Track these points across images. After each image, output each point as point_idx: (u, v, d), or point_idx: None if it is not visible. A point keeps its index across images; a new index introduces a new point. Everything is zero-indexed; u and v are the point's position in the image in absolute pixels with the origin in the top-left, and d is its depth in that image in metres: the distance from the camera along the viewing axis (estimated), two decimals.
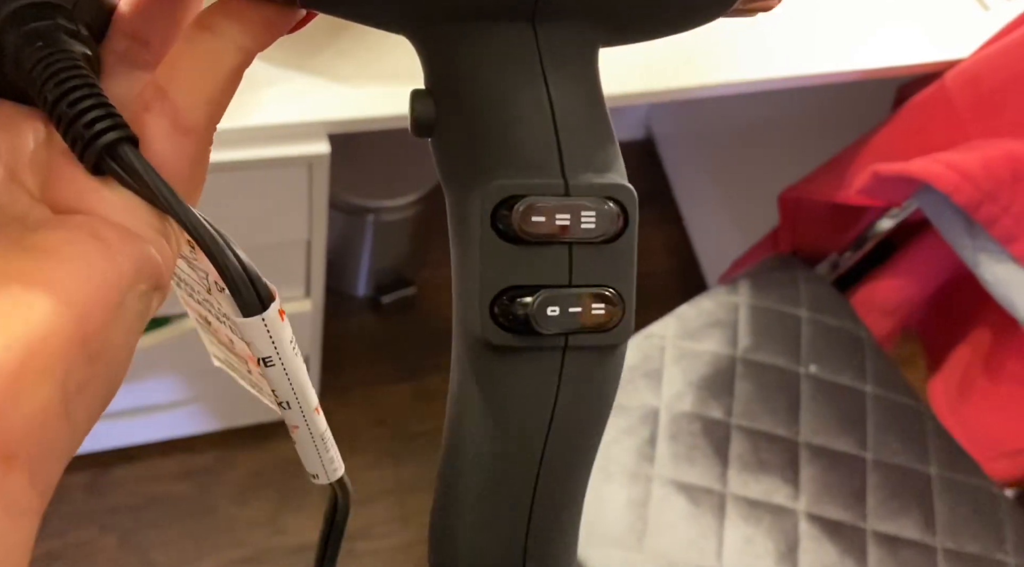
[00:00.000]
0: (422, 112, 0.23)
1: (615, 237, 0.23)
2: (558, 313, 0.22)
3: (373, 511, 1.09)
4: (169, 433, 1.06)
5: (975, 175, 0.73)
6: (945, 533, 0.82)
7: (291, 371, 0.25)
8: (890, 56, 0.79)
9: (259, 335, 0.23)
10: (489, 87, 0.23)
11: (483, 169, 0.23)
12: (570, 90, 0.23)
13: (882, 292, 0.92)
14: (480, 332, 0.23)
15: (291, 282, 0.83)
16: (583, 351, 0.23)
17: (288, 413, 0.27)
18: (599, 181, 0.23)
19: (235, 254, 0.22)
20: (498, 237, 0.22)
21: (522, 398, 0.24)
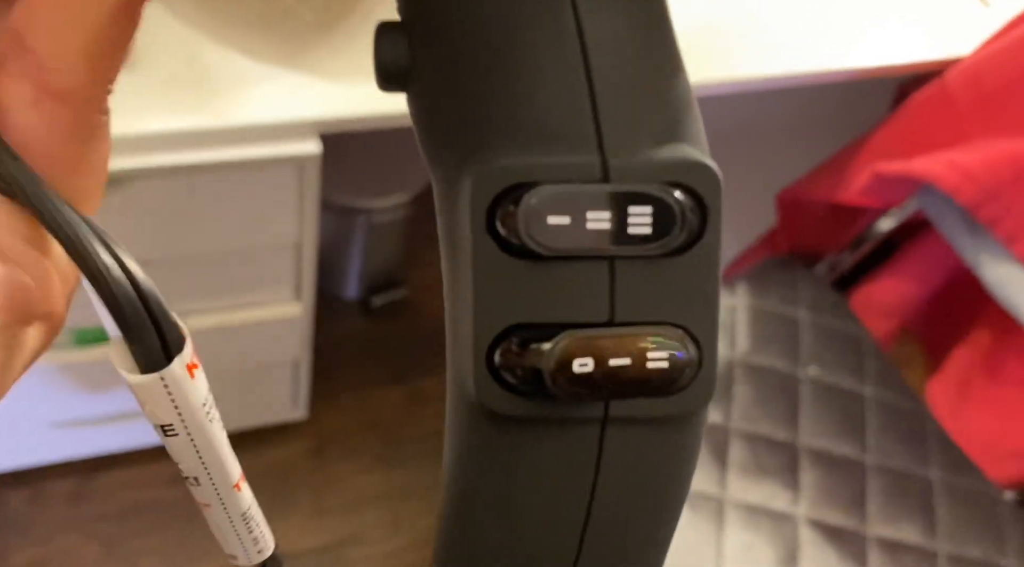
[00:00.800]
0: (391, 54, 0.16)
1: (686, 246, 0.15)
2: (591, 368, 0.15)
3: (364, 517, 1.08)
4: (154, 439, 1.04)
5: (977, 175, 0.72)
6: (946, 538, 0.81)
7: (201, 442, 0.19)
8: (891, 54, 0.78)
9: (157, 398, 0.17)
10: (486, 13, 0.15)
11: (476, 141, 0.15)
12: (613, 10, 0.15)
13: (882, 293, 0.91)
14: (473, 393, 0.15)
15: (280, 285, 0.81)
16: (633, 426, 0.16)
17: (197, 489, 0.21)
18: (659, 157, 0.15)
19: (131, 276, 0.16)
20: (498, 248, 0.15)
21: (540, 494, 0.16)
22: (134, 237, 0.70)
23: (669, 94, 0.16)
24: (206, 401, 0.18)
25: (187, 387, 0.17)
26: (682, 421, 0.16)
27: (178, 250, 0.73)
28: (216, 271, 0.77)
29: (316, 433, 1.11)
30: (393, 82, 0.17)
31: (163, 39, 0.64)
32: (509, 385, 0.15)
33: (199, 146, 0.62)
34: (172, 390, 0.17)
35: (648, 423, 0.16)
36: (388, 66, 0.16)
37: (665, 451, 0.16)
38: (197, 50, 0.64)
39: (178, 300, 0.79)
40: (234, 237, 0.74)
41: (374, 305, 1.21)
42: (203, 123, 0.61)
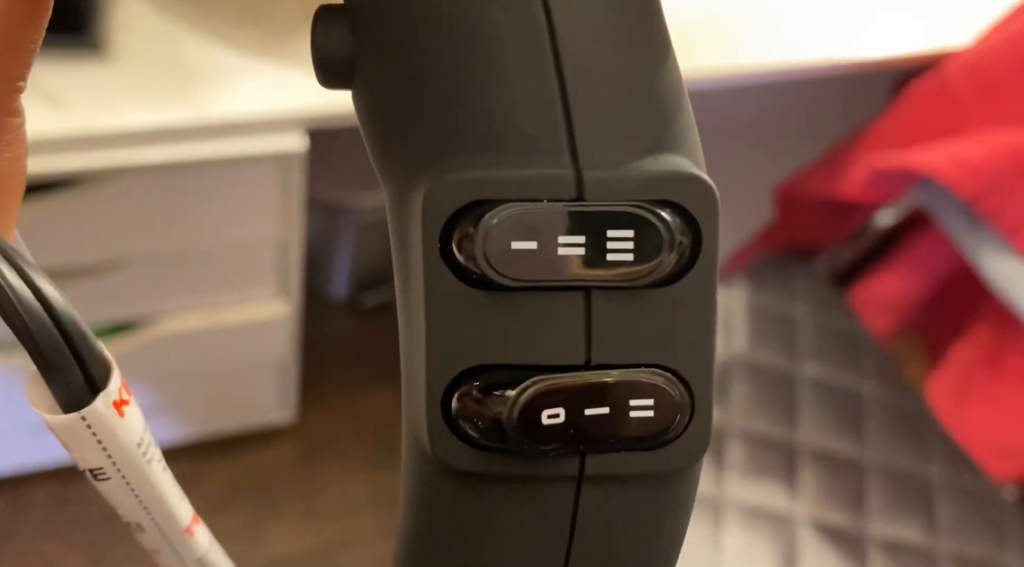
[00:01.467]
0: (331, 44, 0.14)
1: (675, 275, 0.13)
2: (562, 419, 0.12)
3: (354, 520, 1.06)
4: None
5: (978, 168, 0.71)
6: (947, 536, 0.80)
7: (139, 485, 0.17)
8: (890, 45, 0.77)
9: (81, 440, 0.15)
10: (441, 1, 0.13)
11: (430, 148, 0.13)
12: (588, 5, 0.13)
13: (881, 288, 0.90)
14: (427, 444, 0.13)
15: (266, 284, 0.79)
16: (614, 485, 0.13)
17: (143, 536, 0.18)
18: (643, 170, 0.13)
19: (45, 303, 0.14)
20: (455, 277, 0.13)
21: (506, 559, 0.14)
22: (113, 235, 0.68)
23: (656, 95, 0.13)
24: (141, 440, 0.16)
25: (115, 426, 0.15)
26: (671, 477, 0.14)
27: (158, 248, 0.71)
28: (199, 270, 0.75)
29: (305, 436, 1.09)
30: (335, 77, 0.14)
31: (140, 30, 0.62)
32: (468, 436, 0.13)
33: (179, 141, 0.60)
34: (97, 431, 0.15)
35: (631, 481, 0.14)
36: (328, 58, 0.14)
37: (651, 512, 0.14)
38: (176, 41, 0.62)
39: (160, 299, 0.77)
40: (217, 235, 0.72)
41: (363, 305, 1.19)
42: (184, 118, 0.59)
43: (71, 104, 0.57)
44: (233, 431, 1.05)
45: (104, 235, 0.68)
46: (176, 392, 0.94)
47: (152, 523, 0.18)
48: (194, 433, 1.03)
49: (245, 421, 1.02)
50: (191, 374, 0.88)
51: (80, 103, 0.57)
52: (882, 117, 0.81)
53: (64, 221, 0.64)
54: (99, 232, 0.67)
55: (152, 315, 0.78)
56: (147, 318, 0.78)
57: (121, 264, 0.71)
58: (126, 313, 0.77)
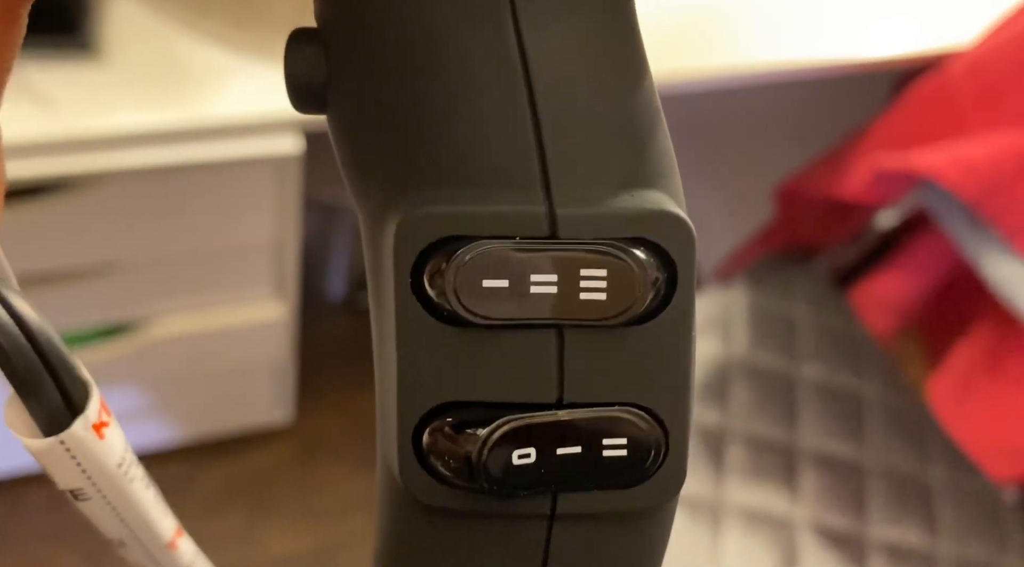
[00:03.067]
0: (304, 70, 0.13)
1: (650, 314, 0.13)
2: (533, 459, 0.12)
3: (352, 521, 1.05)
4: (135, 446, 1.01)
5: (979, 170, 0.71)
6: (947, 538, 0.80)
7: (120, 504, 0.17)
8: (891, 45, 0.76)
9: (60, 463, 0.15)
10: (411, 27, 0.12)
11: (402, 179, 0.13)
12: (563, 28, 0.12)
13: (881, 289, 0.90)
14: (399, 479, 0.13)
15: (262, 286, 0.79)
16: (586, 523, 0.13)
17: (125, 551, 0.18)
18: (618, 207, 0.13)
19: (21, 322, 0.13)
20: (427, 312, 0.13)
21: None
22: (108, 238, 0.68)
23: (632, 127, 0.13)
24: (122, 461, 0.16)
25: (95, 449, 0.15)
26: (644, 515, 0.14)
27: (153, 250, 0.70)
28: (194, 272, 0.74)
29: (302, 436, 1.09)
30: (309, 103, 0.14)
31: (133, 30, 0.61)
32: (439, 473, 0.13)
33: (173, 144, 0.59)
34: (76, 454, 0.15)
35: (604, 519, 0.13)
36: (301, 84, 0.14)
37: (625, 550, 0.14)
38: (170, 42, 0.61)
39: (155, 301, 0.76)
40: (213, 237, 0.71)
41: (360, 305, 1.19)
42: (177, 119, 0.58)
43: (62, 106, 0.56)
44: (230, 432, 1.04)
45: (98, 238, 0.67)
46: (172, 394, 0.93)
47: (134, 540, 0.18)
48: (190, 434, 1.02)
49: (242, 422, 1.02)
50: (187, 376, 0.87)
51: (72, 105, 0.57)
52: (883, 118, 0.80)
53: (57, 224, 0.63)
54: (92, 235, 0.66)
55: (148, 317, 0.77)
56: (143, 320, 0.78)
57: (116, 267, 0.70)
58: (121, 315, 0.76)
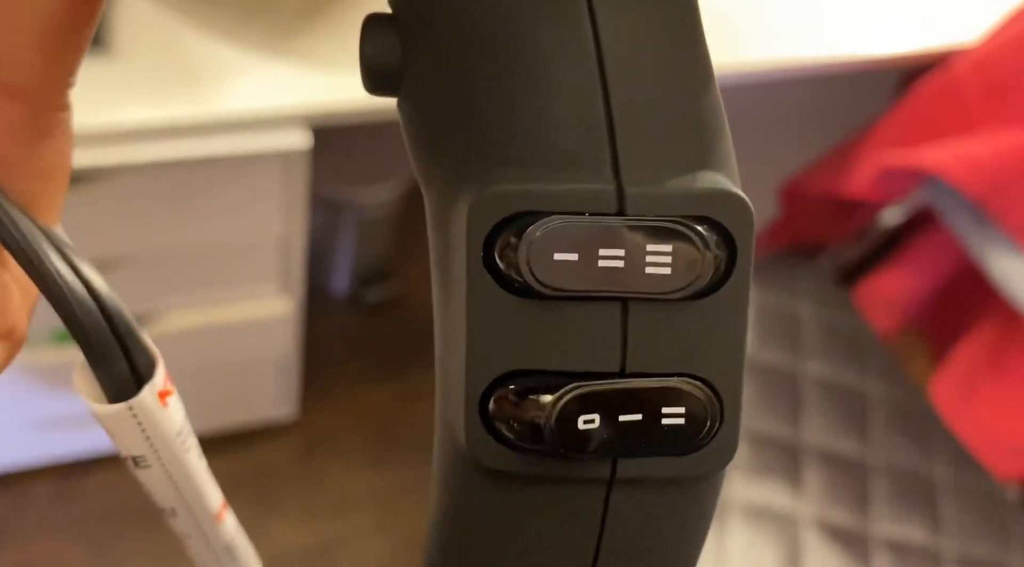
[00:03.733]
0: (379, 53, 0.14)
1: (710, 289, 0.13)
2: (597, 424, 0.13)
3: (355, 518, 1.06)
4: None
5: (985, 167, 0.71)
6: (951, 535, 0.80)
7: (177, 473, 0.17)
8: (896, 43, 0.76)
9: (126, 429, 0.16)
10: (488, 13, 0.13)
11: (474, 159, 0.13)
12: (635, 18, 0.13)
13: (886, 287, 0.90)
14: (464, 445, 0.14)
15: (268, 281, 0.79)
16: (643, 488, 0.14)
17: (175, 521, 0.19)
18: (683, 187, 0.13)
19: (95, 294, 0.14)
20: (497, 285, 0.13)
21: (537, 558, 0.14)
22: (116, 232, 0.68)
23: (697, 113, 0.14)
24: (181, 430, 0.17)
25: (159, 417, 0.16)
26: (698, 483, 0.15)
27: (161, 245, 0.71)
28: (201, 267, 0.75)
29: (306, 432, 1.09)
30: (383, 85, 0.14)
31: (142, 26, 0.61)
32: (504, 437, 0.14)
33: (182, 138, 0.59)
34: (143, 421, 0.15)
35: (660, 485, 0.14)
36: (376, 67, 0.14)
37: (678, 515, 0.15)
38: (179, 38, 0.61)
39: (162, 295, 0.77)
40: (220, 232, 0.71)
41: (365, 301, 1.19)
42: (186, 114, 0.58)
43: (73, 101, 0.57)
44: (234, 427, 1.04)
45: (106, 232, 0.67)
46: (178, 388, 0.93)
47: (186, 509, 0.19)
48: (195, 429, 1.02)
49: (246, 417, 1.02)
50: (193, 371, 0.87)
51: (82, 100, 0.57)
52: (889, 115, 0.80)
53: (65, 219, 0.64)
54: (101, 229, 0.67)
55: (154, 312, 0.77)
56: (149, 315, 0.78)
57: (123, 261, 0.70)
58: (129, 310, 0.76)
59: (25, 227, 0.14)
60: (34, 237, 0.14)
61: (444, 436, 0.15)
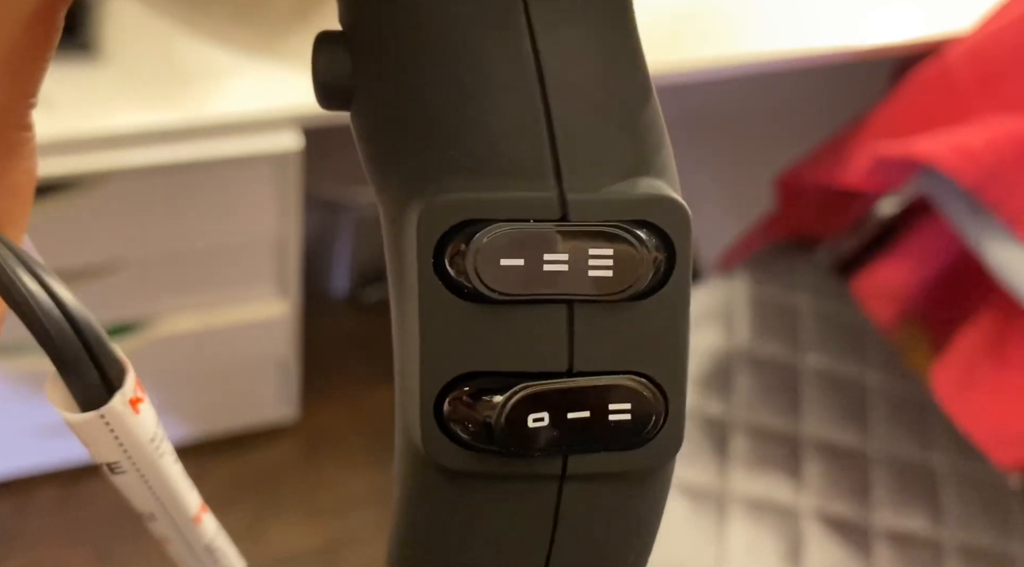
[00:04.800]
0: (330, 69, 0.14)
1: (651, 290, 0.14)
2: (546, 422, 0.13)
3: (357, 517, 1.06)
4: None
5: (979, 155, 0.70)
6: (953, 525, 0.80)
7: (152, 477, 0.18)
8: (890, 32, 0.76)
9: (99, 437, 0.16)
10: (429, 27, 0.14)
11: (423, 169, 0.14)
12: (572, 32, 0.14)
13: (884, 277, 0.89)
14: (421, 446, 0.14)
15: (264, 283, 0.79)
16: (593, 482, 0.15)
17: (155, 525, 0.20)
18: (622, 193, 0.14)
19: (62, 306, 0.14)
20: (448, 290, 0.14)
21: (494, 552, 0.15)
22: (110, 237, 0.68)
23: (634, 121, 0.14)
24: (154, 436, 0.17)
25: (131, 423, 0.16)
26: (646, 476, 0.15)
27: (155, 249, 0.71)
28: (196, 270, 0.75)
29: (308, 433, 1.09)
30: (335, 100, 0.15)
31: (132, 30, 0.61)
32: (459, 438, 0.14)
33: (174, 142, 0.59)
34: (115, 427, 0.16)
35: (609, 479, 0.15)
36: (328, 83, 0.15)
37: (628, 508, 0.15)
38: (169, 41, 0.61)
39: (159, 299, 0.77)
40: (214, 235, 0.71)
41: (364, 300, 1.19)
42: (177, 118, 0.59)
43: (63, 106, 0.57)
44: (235, 429, 1.04)
45: (100, 237, 0.67)
46: (177, 392, 0.94)
47: (164, 513, 0.19)
48: (196, 432, 1.03)
49: (247, 419, 1.02)
50: (191, 374, 0.88)
51: (72, 105, 0.57)
52: (883, 105, 0.80)
53: (59, 224, 0.64)
54: (95, 235, 0.67)
55: (151, 316, 0.78)
56: (146, 319, 0.78)
57: (118, 266, 0.70)
58: (125, 314, 0.77)
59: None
60: (1, 253, 0.14)
61: (403, 440, 0.15)
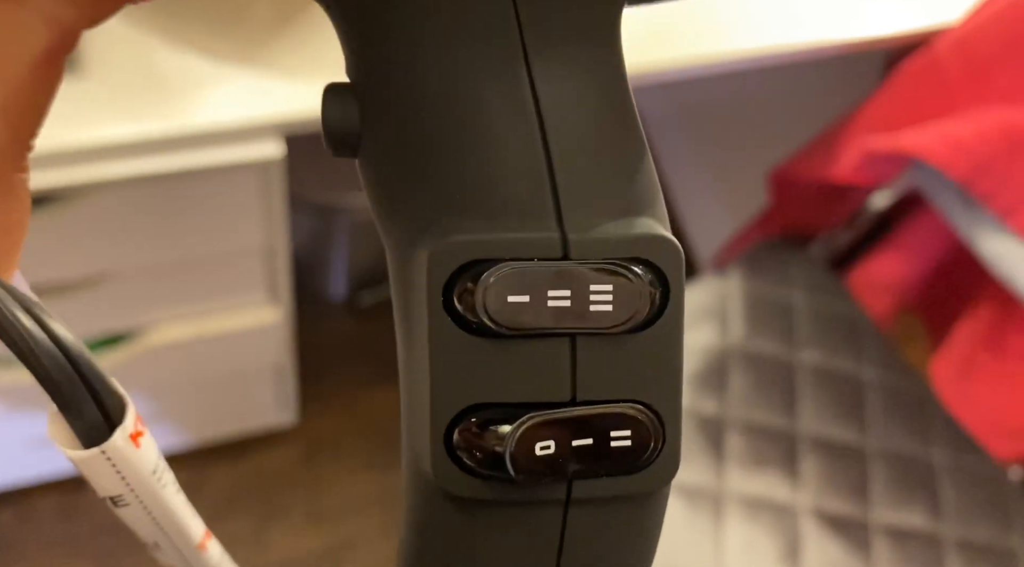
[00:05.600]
0: (339, 118, 0.15)
1: (647, 322, 0.15)
2: (553, 450, 0.14)
3: (359, 521, 1.06)
4: None
5: (969, 147, 0.70)
6: (952, 520, 0.79)
7: (155, 508, 0.18)
8: (881, 25, 0.76)
9: (101, 471, 0.16)
10: (435, 79, 0.15)
11: (430, 213, 0.15)
12: (569, 83, 0.15)
13: (879, 271, 0.89)
14: (431, 474, 0.15)
15: (255, 291, 0.79)
16: (596, 506, 0.15)
17: (160, 554, 0.20)
18: (619, 232, 0.15)
19: (60, 344, 0.14)
20: (456, 326, 0.15)
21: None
22: (97, 249, 0.68)
23: (628, 166, 0.16)
24: (156, 468, 0.17)
25: (133, 458, 0.16)
26: (645, 498, 0.16)
27: (143, 260, 0.71)
28: (186, 280, 0.75)
29: (306, 437, 1.09)
30: (343, 148, 0.16)
31: (112, 41, 0.61)
32: (468, 467, 0.15)
33: (156, 153, 0.59)
34: (116, 462, 0.16)
35: (611, 502, 0.16)
36: (336, 131, 0.16)
37: (629, 529, 0.16)
38: (149, 52, 0.61)
39: (150, 310, 0.77)
40: (201, 245, 0.71)
41: (361, 304, 1.19)
42: (159, 129, 0.58)
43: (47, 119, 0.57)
44: (234, 436, 1.05)
45: (86, 250, 0.67)
46: (173, 400, 0.94)
47: (168, 542, 0.19)
48: (194, 439, 1.03)
49: (245, 425, 1.02)
50: (186, 382, 0.88)
51: (53, 117, 0.57)
52: (873, 98, 0.79)
53: (44, 237, 0.64)
54: (81, 247, 0.67)
55: (143, 326, 0.78)
56: (138, 329, 0.78)
57: (107, 277, 0.70)
58: (116, 326, 0.77)
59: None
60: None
61: (412, 468, 0.16)
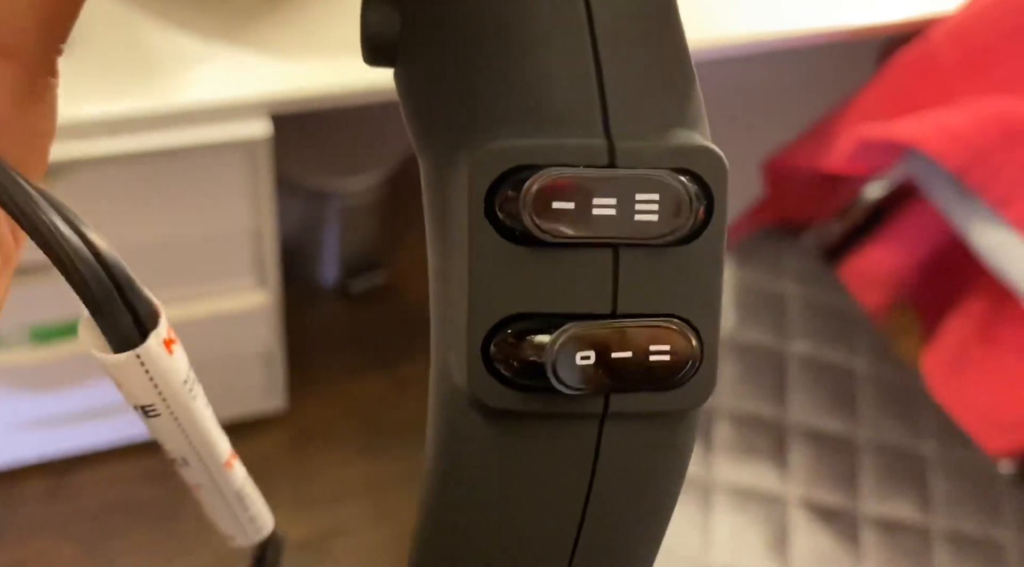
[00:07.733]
0: (379, 25, 0.15)
1: (691, 236, 0.15)
2: (592, 361, 0.14)
3: (348, 508, 1.05)
4: (132, 435, 1.02)
5: (964, 137, 0.69)
6: (941, 513, 0.79)
7: (186, 420, 0.18)
8: (875, 13, 0.75)
9: (134, 378, 0.16)
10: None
11: (473, 121, 0.15)
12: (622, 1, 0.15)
13: (872, 262, 0.89)
14: (466, 386, 0.15)
15: (242, 274, 0.78)
16: (632, 421, 0.15)
17: (187, 470, 0.20)
18: (666, 143, 0.15)
19: (95, 250, 0.15)
20: (497, 234, 0.14)
21: (535, 490, 0.15)
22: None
23: (675, 79, 0.15)
24: (187, 378, 0.17)
25: (165, 364, 0.16)
26: (681, 416, 0.16)
27: (128, 240, 0.70)
28: (172, 262, 0.74)
29: (295, 423, 1.09)
30: (381, 56, 0.16)
31: (98, 18, 0.61)
32: (504, 378, 0.15)
33: (142, 131, 0.59)
34: (150, 368, 0.16)
35: (647, 418, 0.15)
36: (376, 38, 0.15)
37: (662, 447, 0.16)
38: (135, 29, 0.61)
39: None
40: (188, 226, 0.71)
41: (352, 290, 1.18)
42: (145, 107, 0.58)
43: None
44: (221, 421, 1.03)
45: None
46: None
47: (196, 457, 0.19)
48: None
49: (233, 411, 1.02)
50: None
51: None
52: (867, 88, 0.79)
53: None
54: None
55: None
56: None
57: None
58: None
59: (26, 189, 0.14)
60: (35, 198, 0.14)
61: (441, 382, 0.16)
